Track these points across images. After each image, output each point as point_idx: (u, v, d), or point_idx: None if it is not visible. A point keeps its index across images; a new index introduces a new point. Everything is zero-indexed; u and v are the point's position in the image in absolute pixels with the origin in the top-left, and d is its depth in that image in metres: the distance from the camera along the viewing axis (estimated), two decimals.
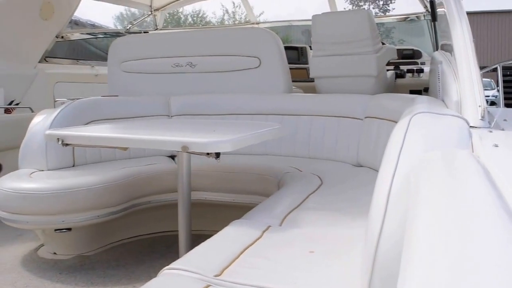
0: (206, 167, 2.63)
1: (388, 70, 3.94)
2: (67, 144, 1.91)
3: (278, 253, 1.32)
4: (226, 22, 22.88)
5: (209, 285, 1.14)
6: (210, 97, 3.22)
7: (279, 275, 1.19)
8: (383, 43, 3.33)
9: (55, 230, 2.35)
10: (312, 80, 3.32)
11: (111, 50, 3.50)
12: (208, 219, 2.66)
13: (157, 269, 2.34)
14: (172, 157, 3.03)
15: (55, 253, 2.51)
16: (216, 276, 1.20)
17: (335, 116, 2.84)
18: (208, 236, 1.47)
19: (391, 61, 3.71)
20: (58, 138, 1.88)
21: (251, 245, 1.39)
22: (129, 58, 3.45)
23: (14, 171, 2.54)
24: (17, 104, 3.64)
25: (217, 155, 1.65)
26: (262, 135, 1.92)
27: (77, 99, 2.92)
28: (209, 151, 1.65)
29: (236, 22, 23.38)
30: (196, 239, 2.13)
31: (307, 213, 1.70)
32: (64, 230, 2.35)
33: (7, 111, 3.55)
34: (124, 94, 3.41)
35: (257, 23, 6.04)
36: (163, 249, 2.61)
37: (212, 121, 2.55)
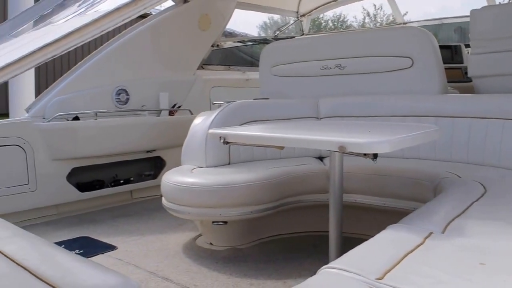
0: (355, 169, 2.60)
1: None
2: (227, 142, 2.04)
3: (443, 262, 1.26)
4: (367, 26, 22.40)
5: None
6: (360, 98, 3.18)
7: (450, 286, 1.13)
8: None
9: (213, 222, 2.53)
10: (469, 80, 3.10)
11: (262, 56, 3.67)
12: (357, 222, 2.63)
13: (306, 267, 2.41)
14: (320, 158, 3.07)
15: (211, 244, 2.71)
16: (378, 279, 1.18)
17: (499, 119, 2.61)
18: (357, 239, 1.45)
19: None
20: (220, 137, 2.02)
21: (412, 251, 1.34)
22: (279, 62, 3.58)
23: (178, 167, 2.80)
24: (179, 107, 4.00)
25: (375, 156, 1.62)
26: (420, 137, 1.84)
27: (233, 102, 3.11)
28: (366, 152, 1.63)
29: (378, 24, 22.77)
30: (345, 241, 2.13)
31: (472, 222, 1.59)
32: (221, 223, 2.52)
33: (171, 113, 3.92)
34: (274, 97, 3.55)
35: (405, 23, 5.82)
36: (310, 249, 2.65)
37: (365, 123, 2.52)
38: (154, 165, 3.93)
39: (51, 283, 0.99)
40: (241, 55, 5.38)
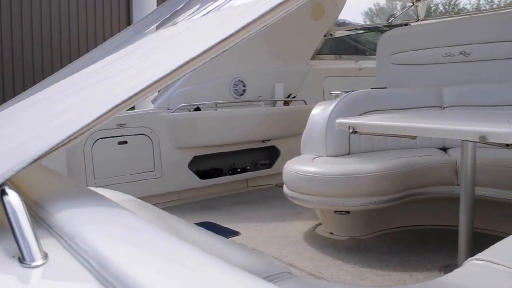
0: (485, 161, 2.45)
1: None
2: (355, 132, 2.03)
3: None
4: (482, 8, 20.82)
5: None
6: (487, 86, 2.99)
7: None
8: None
9: (335, 211, 2.53)
10: None
11: (380, 43, 3.58)
12: (487, 216, 2.48)
13: (431, 261, 2.34)
14: (444, 149, 2.93)
15: (331, 233, 2.72)
16: None
17: None
18: (487, 235, 1.37)
19: None
20: (349, 126, 2.02)
21: None
22: (397, 50, 3.47)
23: (298, 156, 2.83)
24: (293, 97, 4.05)
25: None
26: None
27: (351, 91, 3.07)
28: (510, 142, 1.53)
29: (494, 6, 21.06)
30: (474, 236, 2.02)
31: None
32: (343, 213, 2.52)
33: (286, 103, 3.99)
34: (391, 86, 3.45)
35: None
36: (434, 242, 2.55)
37: (500, 112, 2.37)
38: (269, 155, 4.03)
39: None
40: (353, 43, 5.29)
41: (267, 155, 4.03)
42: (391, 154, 2.75)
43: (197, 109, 3.59)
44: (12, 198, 0.76)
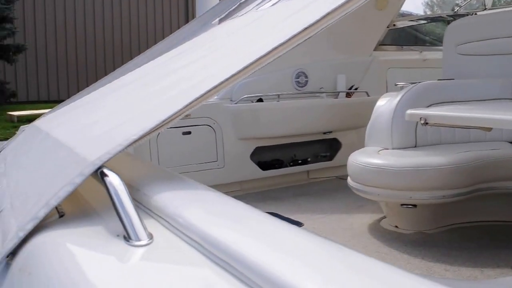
0: None
1: None
2: (426, 123, 2.00)
3: None
4: None
5: None
6: None
7: None
8: None
9: (401, 205, 2.51)
10: None
11: (447, 33, 3.48)
12: None
13: (502, 258, 2.27)
14: None
15: (396, 226, 2.69)
16: None
17: None
18: None
19: None
20: (420, 117, 1.99)
21: None
22: (465, 40, 3.36)
23: (363, 148, 2.82)
24: (356, 89, 4.01)
25: None
26: None
27: (418, 83, 3.01)
28: None
29: None
30: None
31: None
32: (410, 206, 2.48)
33: (348, 95, 3.96)
34: (459, 77, 3.34)
35: None
36: (505, 239, 2.47)
37: None
38: (330, 147, 4.02)
39: None
40: (415, 33, 5.15)
41: (328, 147, 4.02)
42: (460, 147, 2.68)
43: (260, 100, 3.63)
44: (113, 179, 0.78)
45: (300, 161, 3.85)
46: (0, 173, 1.54)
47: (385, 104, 2.91)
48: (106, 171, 0.79)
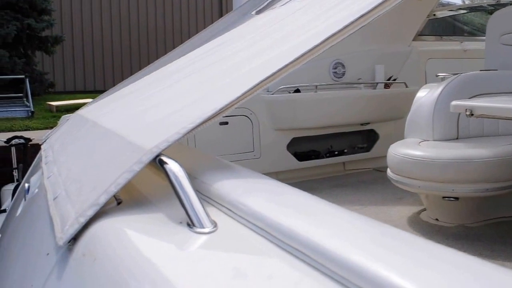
0: None
1: None
2: (472, 115, 1.96)
3: None
4: None
5: None
6: None
7: None
8: None
9: (443, 197, 2.47)
10: None
11: (490, 23, 3.39)
12: None
13: None
14: None
15: (437, 219, 2.65)
16: None
17: None
18: None
19: None
20: (466, 109, 1.95)
21: None
22: (510, 30, 3.26)
23: (404, 140, 2.78)
24: (394, 80, 3.95)
25: None
26: None
27: (460, 74, 2.95)
28: None
29: None
30: None
31: None
32: (452, 199, 2.45)
33: (386, 86, 3.90)
34: (502, 68, 3.25)
35: None
36: None
37: None
38: (367, 138, 3.98)
39: None
40: (454, 23, 5.03)
41: (365, 139, 3.99)
42: (504, 140, 2.61)
43: (297, 91, 3.62)
44: (173, 166, 0.77)
45: (336, 152, 3.83)
46: (49, 161, 1.57)
47: (426, 95, 2.87)
48: (165, 158, 0.79)
